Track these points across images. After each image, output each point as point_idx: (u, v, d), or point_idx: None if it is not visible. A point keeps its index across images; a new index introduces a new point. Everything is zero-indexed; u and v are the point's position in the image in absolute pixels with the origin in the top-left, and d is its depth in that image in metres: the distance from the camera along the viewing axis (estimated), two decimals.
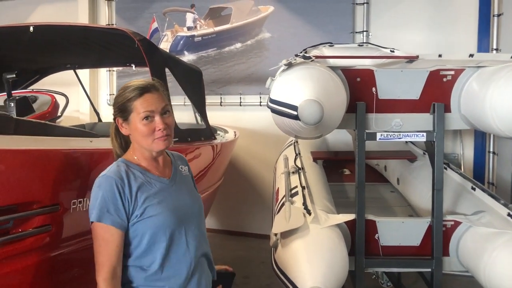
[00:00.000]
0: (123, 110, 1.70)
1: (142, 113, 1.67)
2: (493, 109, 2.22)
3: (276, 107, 2.21)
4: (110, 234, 1.58)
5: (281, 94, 2.17)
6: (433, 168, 2.56)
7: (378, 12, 4.77)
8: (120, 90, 1.74)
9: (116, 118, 1.74)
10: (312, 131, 2.17)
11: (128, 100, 1.69)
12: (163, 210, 1.67)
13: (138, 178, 1.68)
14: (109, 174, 1.64)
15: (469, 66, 2.51)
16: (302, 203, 2.64)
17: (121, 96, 1.71)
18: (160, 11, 5.66)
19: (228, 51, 5.37)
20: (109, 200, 1.59)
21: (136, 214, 1.63)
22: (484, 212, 2.62)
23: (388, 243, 2.63)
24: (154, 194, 1.68)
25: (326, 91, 2.13)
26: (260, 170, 5.29)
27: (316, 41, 4.44)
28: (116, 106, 1.73)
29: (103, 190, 1.59)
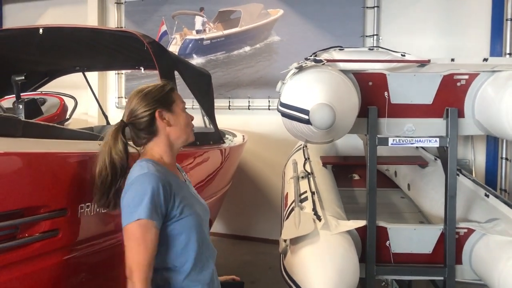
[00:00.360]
0: (167, 100, 1.76)
1: (182, 103, 1.81)
2: (509, 114, 2.17)
3: (287, 111, 2.17)
4: (152, 233, 1.57)
5: (292, 97, 2.13)
6: (446, 175, 2.51)
7: (388, 16, 4.73)
8: (153, 87, 1.78)
9: (155, 110, 1.72)
10: (323, 136, 2.13)
11: (171, 90, 1.80)
12: (194, 210, 1.72)
13: (169, 177, 1.69)
14: (151, 172, 1.62)
15: (483, 70, 2.46)
16: (312, 209, 2.60)
17: (157, 90, 1.77)
18: (169, 14, 5.66)
19: (237, 54, 5.35)
20: (156, 198, 1.58)
21: (174, 214, 1.64)
22: (498, 219, 2.56)
23: (399, 250, 2.57)
24: (184, 194, 1.72)
25: (338, 95, 2.09)
26: (268, 175, 5.25)
27: (325, 45, 4.40)
28: (155, 99, 1.74)
29: (150, 187, 1.57)
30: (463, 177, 3.21)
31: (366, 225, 2.52)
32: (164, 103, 1.75)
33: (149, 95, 1.74)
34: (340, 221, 2.52)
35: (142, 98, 1.74)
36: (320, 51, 3.84)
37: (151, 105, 1.72)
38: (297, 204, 2.71)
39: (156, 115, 1.72)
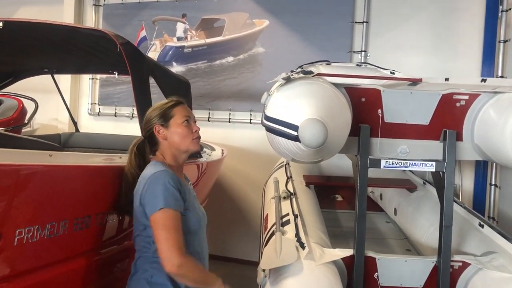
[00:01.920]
0: (164, 116, 2.04)
1: (183, 117, 2.05)
2: None
3: (273, 125, 1.94)
4: (175, 218, 1.85)
5: (279, 111, 1.90)
6: (442, 202, 2.31)
7: (377, 33, 4.58)
8: (154, 106, 2.12)
9: (154, 126, 2.03)
10: (312, 155, 1.91)
11: (170, 107, 2.06)
12: (195, 211, 2.05)
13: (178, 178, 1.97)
14: (163, 169, 1.92)
15: (485, 91, 2.28)
16: (294, 234, 2.36)
17: (159, 107, 2.07)
18: (149, 19, 5.41)
19: (219, 64, 5.12)
20: (173, 188, 1.87)
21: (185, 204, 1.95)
22: (495, 253, 2.36)
23: (388, 283, 2.35)
24: (189, 197, 2.00)
25: (330, 110, 1.87)
26: (248, 192, 5.01)
27: (312, 58, 4.22)
28: (156, 115, 2.04)
29: (165, 180, 1.87)
30: (456, 204, 3.02)
31: (353, 254, 2.29)
32: (162, 117, 2.04)
33: (152, 112, 2.07)
34: (325, 249, 2.28)
35: (148, 114, 2.08)
36: (307, 65, 3.64)
37: (151, 121, 2.05)
38: (278, 228, 2.47)
39: (153, 131, 2.04)
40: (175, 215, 1.84)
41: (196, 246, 2.04)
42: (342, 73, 3.33)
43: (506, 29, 3.79)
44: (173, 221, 1.82)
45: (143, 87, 2.45)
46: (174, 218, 1.83)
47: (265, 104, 2.11)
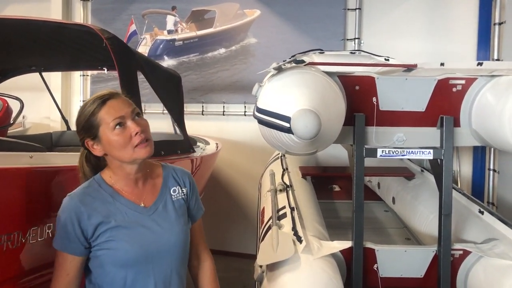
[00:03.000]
0: (89, 128, 1.51)
1: (111, 122, 1.49)
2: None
3: (264, 117, 1.88)
4: (67, 262, 1.48)
5: (271, 102, 1.84)
6: (441, 190, 2.26)
7: (370, 19, 4.51)
8: (79, 111, 1.56)
9: (84, 141, 1.55)
10: (306, 147, 1.85)
11: (92, 115, 1.50)
12: (124, 245, 1.49)
13: (106, 203, 1.52)
14: (73, 196, 1.50)
15: (482, 75, 2.22)
16: (291, 228, 2.31)
17: (82, 114, 1.53)
18: (139, 13, 5.31)
19: (211, 56, 5.04)
20: (67, 227, 1.46)
21: (96, 243, 1.49)
22: (496, 240, 2.32)
23: (388, 274, 2.31)
24: (120, 225, 1.50)
25: (323, 100, 1.81)
26: (244, 185, 4.95)
27: (305, 47, 4.15)
28: (80, 128, 1.54)
29: (63, 214, 1.48)
30: (455, 191, 2.98)
31: (351, 246, 2.25)
32: (87, 130, 1.53)
33: (77, 122, 1.56)
34: (323, 242, 2.23)
35: (76, 122, 1.57)
36: (300, 54, 3.58)
37: (79, 134, 1.56)
38: (274, 222, 2.42)
39: (87, 145, 1.56)
40: (65, 259, 1.48)
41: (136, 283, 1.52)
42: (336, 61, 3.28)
43: (501, 11, 3.72)
44: (62, 266, 1.48)
45: (131, 82, 2.38)
46: (64, 262, 1.48)
47: (257, 96, 2.04)
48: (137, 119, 1.54)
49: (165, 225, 1.58)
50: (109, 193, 1.54)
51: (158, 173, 1.68)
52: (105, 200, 1.52)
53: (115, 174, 1.57)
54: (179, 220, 1.63)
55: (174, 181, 1.69)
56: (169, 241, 1.57)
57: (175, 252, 1.60)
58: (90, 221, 1.47)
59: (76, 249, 1.47)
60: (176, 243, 1.59)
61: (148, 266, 1.53)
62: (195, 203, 1.78)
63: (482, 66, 2.52)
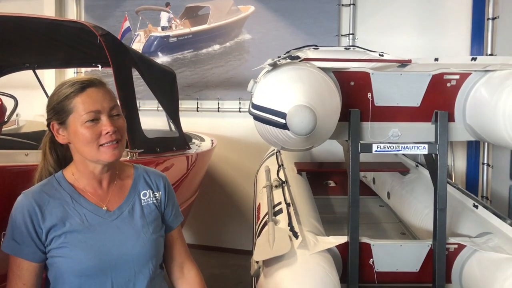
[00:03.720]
0: (60, 111, 1.35)
1: (84, 114, 1.33)
2: (507, 118, 1.94)
3: (260, 113, 1.88)
4: (23, 269, 1.33)
5: (266, 98, 1.84)
6: (436, 185, 2.27)
7: (364, 15, 4.51)
8: (56, 88, 1.40)
9: (50, 123, 1.39)
10: (301, 143, 1.85)
11: (66, 97, 1.34)
12: (78, 253, 1.32)
13: (64, 204, 1.36)
14: (28, 193, 1.35)
15: (476, 70, 2.23)
16: (287, 224, 2.32)
17: (57, 93, 1.37)
18: (132, 10, 5.29)
19: (205, 53, 5.03)
20: (20, 228, 1.31)
21: (49, 249, 1.33)
22: (490, 234, 2.33)
23: (383, 269, 2.32)
24: (76, 229, 1.34)
25: (319, 95, 1.81)
26: (239, 181, 4.95)
27: (299, 43, 4.15)
28: (50, 108, 1.38)
29: (16, 213, 1.32)
30: (449, 186, 2.99)
31: (347, 241, 2.26)
32: (57, 113, 1.37)
33: (49, 100, 1.40)
34: (319, 237, 2.24)
35: (48, 99, 1.41)
36: (294, 50, 3.58)
37: (48, 113, 1.40)
38: (270, 218, 2.42)
39: (51, 128, 1.40)
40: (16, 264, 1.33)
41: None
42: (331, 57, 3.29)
43: (494, 6, 3.74)
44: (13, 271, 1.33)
45: (125, 79, 2.38)
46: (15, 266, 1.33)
47: (252, 92, 2.05)
48: (114, 118, 1.39)
49: (130, 232, 1.40)
50: (69, 192, 1.38)
51: (128, 174, 1.52)
52: (63, 200, 1.36)
53: (78, 170, 1.41)
54: (147, 228, 1.44)
55: (145, 184, 1.51)
56: (133, 250, 1.39)
57: (139, 263, 1.40)
58: (44, 223, 1.32)
59: (31, 254, 1.32)
60: (141, 252, 1.40)
61: (106, 278, 1.35)
62: (172, 210, 1.58)
63: (476, 61, 2.53)
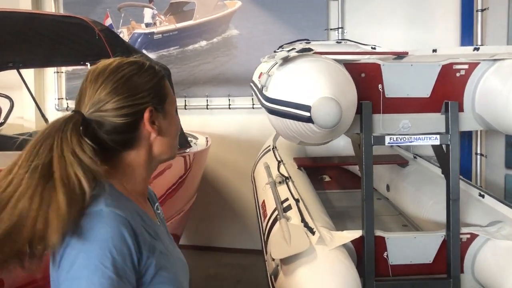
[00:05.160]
0: (159, 92, 1.14)
1: (175, 102, 1.21)
2: None
3: (278, 107, 1.83)
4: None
5: (286, 91, 1.79)
6: (448, 176, 2.27)
7: (353, 8, 4.50)
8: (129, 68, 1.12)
9: (146, 107, 1.11)
10: (324, 136, 1.81)
11: (163, 79, 1.16)
12: (173, 274, 1.10)
13: (144, 226, 1.07)
14: (113, 209, 0.99)
15: (484, 59, 2.23)
16: (300, 220, 2.28)
17: (146, 73, 1.13)
18: (114, 6, 5.13)
19: (192, 49, 4.93)
20: (121, 257, 0.95)
21: (146, 279, 1.03)
22: (501, 222, 2.35)
23: (398, 262, 2.31)
24: (161, 247, 1.09)
25: (340, 87, 1.77)
26: (231, 179, 4.88)
27: (288, 38, 4.12)
28: (146, 89, 1.11)
29: (108, 246, 0.95)
30: None
31: (362, 235, 2.23)
32: (157, 97, 1.13)
33: (134, 81, 1.10)
34: (333, 232, 2.20)
35: (124, 83, 1.09)
36: (287, 44, 3.54)
37: (140, 98, 1.10)
38: (282, 215, 2.38)
39: (145, 116, 1.11)
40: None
41: None
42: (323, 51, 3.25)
43: None
44: None
45: None
46: None
47: (265, 86, 1.99)
48: None
49: (173, 243, 1.23)
50: (134, 208, 1.09)
51: None
52: (135, 215, 1.07)
53: (130, 179, 1.13)
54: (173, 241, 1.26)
55: (152, 196, 1.32)
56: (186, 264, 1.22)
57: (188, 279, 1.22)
58: (145, 243, 1.03)
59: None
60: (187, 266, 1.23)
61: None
62: None
63: (479, 51, 2.54)
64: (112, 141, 1.11)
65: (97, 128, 1.09)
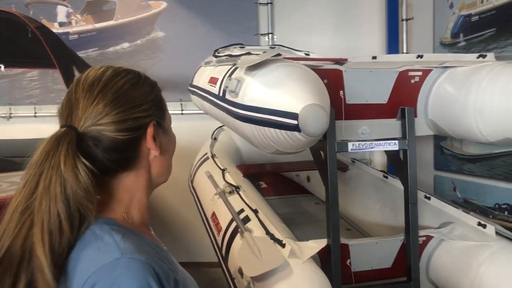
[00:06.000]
0: (160, 107, 1.07)
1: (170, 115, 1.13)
2: (478, 113, 2.03)
3: (257, 115, 1.70)
4: None
5: (268, 99, 1.67)
6: (406, 180, 2.31)
7: (282, 14, 4.50)
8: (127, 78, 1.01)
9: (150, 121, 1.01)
10: (306, 144, 1.73)
11: (160, 90, 1.10)
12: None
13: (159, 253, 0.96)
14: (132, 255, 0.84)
15: (436, 66, 2.31)
16: (265, 232, 2.17)
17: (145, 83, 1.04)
18: (21, 2, 4.60)
19: (113, 51, 4.59)
20: None
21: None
22: (452, 223, 2.44)
23: (360, 268, 2.31)
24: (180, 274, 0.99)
25: (322, 93, 1.70)
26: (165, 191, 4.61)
27: (218, 42, 4.00)
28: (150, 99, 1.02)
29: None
30: (393, 179, 3.09)
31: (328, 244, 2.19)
32: (158, 110, 1.05)
33: (136, 91, 0.99)
34: (300, 243, 2.13)
35: (125, 93, 0.97)
36: (222, 48, 3.43)
37: (143, 110, 0.99)
38: (242, 228, 2.25)
39: (148, 131, 1.00)
40: None
41: None
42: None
43: (407, 8, 3.98)
44: None
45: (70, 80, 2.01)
46: None
47: (235, 92, 1.86)
48: None
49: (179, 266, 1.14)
50: (148, 244, 0.97)
51: None
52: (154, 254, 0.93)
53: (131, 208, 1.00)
54: None
55: None
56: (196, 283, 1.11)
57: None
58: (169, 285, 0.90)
59: None
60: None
61: None
62: None
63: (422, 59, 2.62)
64: (110, 160, 0.96)
65: (93, 145, 0.94)
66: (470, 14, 3.18)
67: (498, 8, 2.95)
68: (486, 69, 2.09)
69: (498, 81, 1.97)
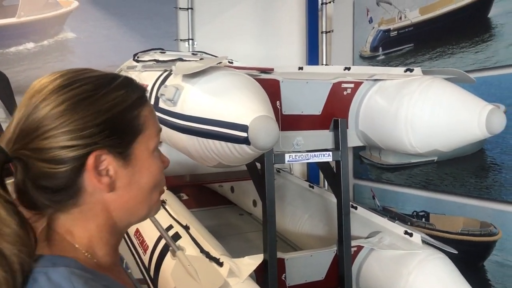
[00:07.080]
0: (122, 131, 0.79)
1: (157, 135, 0.85)
2: (409, 124, 2.09)
3: (200, 126, 1.58)
4: None
5: (213, 110, 1.56)
6: (339, 191, 2.31)
7: (203, 20, 4.38)
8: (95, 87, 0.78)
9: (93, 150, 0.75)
10: (252, 157, 1.65)
11: (132, 108, 0.81)
12: None
13: None
14: None
15: (367, 79, 2.36)
16: (199, 251, 2.05)
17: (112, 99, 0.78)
18: None
19: (15, 52, 4.13)
20: None
21: None
22: (380, 232, 2.50)
23: (294, 282, 2.27)
24: None
25: (268, 104, 1.63)
26: None
27: (135, 46, 3.83)
28: (100, 120, 0.76)
29: None
30: (319, 189, 3.12)
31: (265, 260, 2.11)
32: (116, 135, 0.79)
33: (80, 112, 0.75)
34: (235, 260, 2.03)
35: (54, 117, 0.74)
36: (141, 53, 3.26)
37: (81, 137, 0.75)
38: (174, 247, 2.10)
39: (88, 163, 0.76)
40: None
41: None
42: None
43: (327, 21, 4.07)
44: None
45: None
46: None
47: (173, 101, 1.72)
48: None
49: None
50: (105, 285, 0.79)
51: None
52: None
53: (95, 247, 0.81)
54: None
55: None
56: None
57: None
58: None
59: None
60: None
61: None
62: None
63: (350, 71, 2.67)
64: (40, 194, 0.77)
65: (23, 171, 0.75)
66: (389, 29, 3.33)
67: (415, 25, 3.12)
68: (416, 82, 2.15)
69: (428, 94, 2.03)
